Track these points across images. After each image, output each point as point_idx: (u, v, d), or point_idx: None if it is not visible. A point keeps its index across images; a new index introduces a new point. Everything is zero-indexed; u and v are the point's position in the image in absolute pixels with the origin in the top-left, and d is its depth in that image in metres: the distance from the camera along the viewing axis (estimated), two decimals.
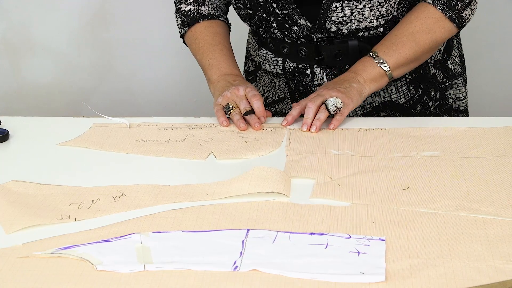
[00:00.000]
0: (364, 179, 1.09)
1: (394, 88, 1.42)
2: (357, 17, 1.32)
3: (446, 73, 1.46)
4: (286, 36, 1.39)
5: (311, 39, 1.37)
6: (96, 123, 1.34)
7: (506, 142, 1.19)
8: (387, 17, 1.34)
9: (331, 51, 1.37)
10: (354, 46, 1.37)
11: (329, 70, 1.40)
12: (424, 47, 1.34)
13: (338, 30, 1.34)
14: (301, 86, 1.43)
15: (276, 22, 1.37)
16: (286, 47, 1.41)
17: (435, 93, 1.46)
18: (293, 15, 1.34)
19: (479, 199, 1.02)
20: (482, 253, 0.90)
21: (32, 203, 1.05)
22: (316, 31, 1.35)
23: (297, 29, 1.36)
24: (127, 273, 0.89)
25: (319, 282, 0.86)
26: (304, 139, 1.24)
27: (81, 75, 2.43)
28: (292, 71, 1.43)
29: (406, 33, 1.34)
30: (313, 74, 1.41)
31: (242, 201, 1.04)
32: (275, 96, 1.49)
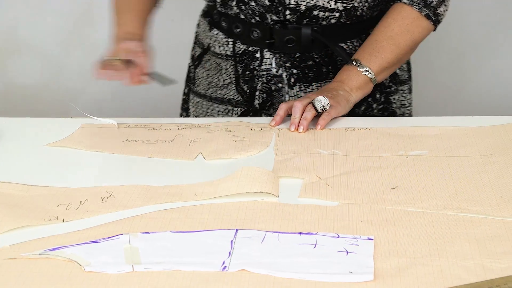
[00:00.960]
0: (352, 178, 1.09)
1: None
2: None
3: (393, 77, 1.47)
4: (242, 11, 1.38)
5: (265, 20, 1.37)
6: (84, 124, 1.33)
7: (493, 141, 1.19)
8: (346, 4, 1.35)
9: (283, 36, 1.37)
10: (307, 35, 1.37)
11: (278, 56, 1.40)
12: (405, 48, 1.36)
13: (296, 5, 1.34)
14: (248, 70, 1.43)
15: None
16: (239, 27, 1.41)
17: (380, 96, 1.46)
18: None
19: (467, 198, 1.02)
20: (470, 251, 0.90)
21: (19, 204, 1.05)
22: (272, 11, 1.35)
23: (255, 5, 1.35)
24: (115, 274, 0.89)
25: (307, 281, 0.86)
26: (292, 139, 1.24)
27: (69, 76, 2.42)
28: (242, 53, 1.43)
29: (385, 37, 1.35)
30: (262, 58, 1.41)
31: (231, 201, 1.04)
32: (219, 81, 1.48)
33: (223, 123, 1.31)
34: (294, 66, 1.40)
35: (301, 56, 1.40)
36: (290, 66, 1.40)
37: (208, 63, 1.50)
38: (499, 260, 0.88)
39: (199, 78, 1.53)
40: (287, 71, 1.41)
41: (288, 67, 1.40)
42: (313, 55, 1.40)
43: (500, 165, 1.11)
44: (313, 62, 1.40)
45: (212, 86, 1.49)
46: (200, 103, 1.53)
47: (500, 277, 0.85)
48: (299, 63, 1.40)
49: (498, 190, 1.04)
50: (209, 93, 1.50)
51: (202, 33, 1.52)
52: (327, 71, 1.41)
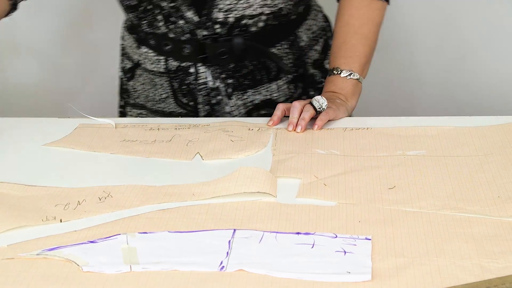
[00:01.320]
0: (350, 178, 1.09)
1: (275, 87, 1.43)
2: (243, 4, 1.32)
3: (323, 72, 1.48)
4: (171, 30, 1.37)
5: (195, 36, 1.37)
6: (82, 124, 1.33)
7: (491, 141, 1.19)
8: (272, 7, 1.35)
9: (216, 49, 1.37)
10: (239, 45, 1.36)
11: (213, 69, 1.40)
12: (372, 37, 1.37)
13: (224, 18, 1.33)
14: (185, 85, 1.43)
15: (162, 15, 1.35)
16: (169, 44, 1.39)
17: (314, 93, 1.48)
18: (182, 6, 1.32)
19: (464, 198, 1.03)
20: (468, 251, 0.90)
21: (17, 205, 1.05)
22: (202, 27, 1.35)
23: (183, 23, 1.35)
24: (113, 274, 0.88)
25: (305, 281, 0.86)
26: (290, 139, 1.24)
27: (67, 76, 2.42)
28: (176, 70, 1.42)
29: (350, 34, 1.36)
30: (197, 72, 1.41)
31: (229, 201, 1.04)
32: (156, 95, 1.47)
33: (221, 123, 1.31)
34: (229, 77, 1.41)
35: (235, 66, 1.40)
36: (225, 77, 1.41)
37: (141, 77, 1.49)
38: (497, 260, 0.88)
39: (136, 91, 1.51)
40: (223, 82, 1.41)
41: (223, 78, 1.41)
42: (247, 64, 1.40)
43: (497, 165, 1.11)
44: (247, 71, 1.41)
45: (150, 100, 1.49)
46: (142, 114, 1.51)
47: (498, 277, 0.85)
48: (233, 73, 1.41)
49: (496, 190, 1.04)
50: (149, 105, 1.49)
51: (129, 48, 1.50)
52: (260, 78, 1.42)
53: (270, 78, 1.43)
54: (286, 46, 1.42)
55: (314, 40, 1.48)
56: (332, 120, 1.30)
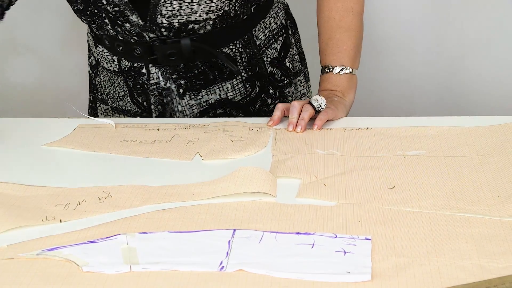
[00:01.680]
0: (350, 178, 1.09)
1: (230, 86, 1.43)
2: (186, 11, 1.31)
3: (284, 71, 1.48)
4: (119, 33, 1.37)
5: (143, 38, 1.36)
6: (81, 124, 1.33)
7: (491, 141, 1.19)
8: (217, 12, 1.34)
9: (164, 51, 1.37)
10: (187, 45, 1.36)
11: (164, 69, 1.40)
12: (356, 27, 1.36)
13: (169, 24, 1.33)
14: (139, 84, 1.43)
15: (108, 18, 1.35)
16: (121, 45, 1.40)
17: (274, 91, 1.47)
18: (125, 10, 1.32)
19: (464, 198, 1.03)
20: (468, 251, 0.90)
21: (17, 205, 1.05)
22: (148, 30, 1.34)
23: (130, 27, 1.34)
24: (113, 274, 0.88)
25: (305, 281, 0.86)
26: (290, 139, 1.24)
27: (66, 76, 2.42)
28: (129, 69, 1.42)
29: (333, 29, 1.35)
30: (149, 72, 1.41)
31: (228, 201, 1.04)
32: (115, 93, 1.48)
33: (221, 123, 1.31)
34: (181, 77, 1.40)
35: (186, 66, 1.40)
36: (177, 78, 1.40)
37: (102, 75, 1.50)
38: (497, 260, 0.88)
39: (101, 87, 1.52)
40: (175, 82, 1.41)
41: (175, 79, 1.41)
42: (198, 64, 1.40)
43: (497, 165, 1.11)
44: (198, 71, 1.40)
45: (111, 97, 1.50)
46: (108, 110, 1.53)
47: (498, 277, 0.85)
48: (185, 73, 1.40)
49: (496, 190, 1.04)
50: (110, 102, 1.50)
51: (91, 45, 1.51)
52: (214, 77, 1.42)
53: (224, 78, 1.42)
54: (240, 45, 1.41)
55: (273, 38, 1.46)
56: (332, 120, 1.30)
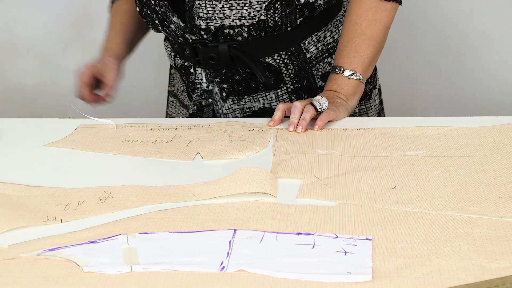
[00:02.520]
0: (350, 179, 1.09)
1: (274, 96, 1.43)
2: (219, 15, 1.33)
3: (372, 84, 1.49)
4: (168, 34, 1.41)
5: (187, 40, 1.39)
6: (82, 124, 1.33)
7: (491, 142, 1.19)
8: (251, 20, 1.34)
9: (206, 54, 1.38)
10: (225, 52, 1.37)
11: (208, 72, 1.42)
12: (379, 38, 1.36)
13: (206, 26, 1.34)
14: (190, 82, 1.46)
15: (158, 19, 1.39)
16: (176, 44, 1.44)
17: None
18: (167, 12, 1.36)
19: (465, 198, 1.03)
20: (468, 252, 0.90)
21: (18, 205, 1.05)
22: (189, 32, 1.36)
23: (174, 28, 1.38)
24: (113, 274, 0.88)
25: (306, 282, 0.86)
26: (290, 139, 1.24)
27: (67, 76, 2.42)
28: (181, 67, 1.47)
29: (356, 34, 1.35)
30: (195, 73, 1.44)
31: (229, 202, 1.04)
32: (180, 86, 1.52)
33: (221, 124, 1.31)
34: (223, 81, 1.42)
35: (227, 71, 1.41)
36: (219, 81, 1.42)
37: (173, 69, 1.55)
38: (497, 261, 0.88)
39: (173, 79, 1.57)
40: (218, 85, 1.42)
41: (218, 82, 1.42)
42: (239, 71, 1.41)
43: (498, 165, 1.11)
44: (240, 77, 1.41)
45: (176, 90, 1.55)
46: (174, 103, 1.57)
47: (498, 277, 0.85)
48: (227, 78, 1.41)
49: (497, 190, 1.04)
50: (179, 95, 1.54)
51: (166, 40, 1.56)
52: (256, 86, 1.42)
53: (268, 88, 1.42)
54: (286, 56, 1.40)
55: (327, 52, 1.45)
56: (333, 120, 1.30)
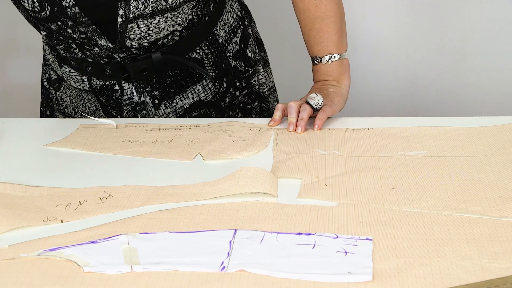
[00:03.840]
0: (351, 179, 1.09)
1: (201, 88, 1.43)
2: (154, 30, 1.31)
3: (247, 61, 1.48)
4: (88, 56, 1.35)
5: (114, 59, 1.35)
6: (82, 124, 1.33)
7: (492, 142, 1.19)
8: (183, 24, 1.34)
9: (137, 68, 1.36)
10: (159, 59, 1.35)
11: (137, 84, 1.40)
12: (332, 11, 1.35)
13: (139, 45, 1.32)
14: (112, 100, 1.42)
15: (75, 44, 1.33)
16: (90, 66, 1.37)
17: (240, 83, 1.47)
18: (93, 36, 1.30)
19: (465, 199, 1.03)
20: (469, 252, 0.90)
21: (18, 205, 1.05)
22: (118, 51, 1.33)
23: (99, 50, 1.33)
24: (114, 274, 0.89)
25: (306, 282, 0.86)
26: (291, 140, 1.24)
27: None
28: (100, 88, 1.41)
29: (311, 20, 1.35)
30: (122, 89, 1.40)
31: (229, 202, 1.04)
32: (86, 108, 1.46)
33: (222, 124, 1.31)
34: (154, 89, 1.40)
35: (158, 78, 1.39)
36: (150, 90, 1.40)
37: (68, 90, 1.47)
38: (498, 261, 0.88)
39: (63, 101, 1.49)
40: (149, 94, 1.40)
41: (149, 91, 1.40)
42: (170, 74, 1.40)
43: (498, 166, 1.11)
44: (171, 80, 1.40)
45: (79, 110, 1.47)
46: None
47: (499, 277, 0.85)
48: (158, 84, 1.40)
49: (497, 190, 1.04)
50: (79, 116, 1.47)
51: (52, 63, 1.48)
52: (185, 83, 1.42)
53: (194, 81, 1.42)
54: (206, 47, 1.41)
55: (232, 33, 1.46)
56: (330, 117, 1.30)
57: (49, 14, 1.27)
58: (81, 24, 1.27)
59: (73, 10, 1.26)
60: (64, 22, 1.28)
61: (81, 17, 1.27)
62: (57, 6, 1.26)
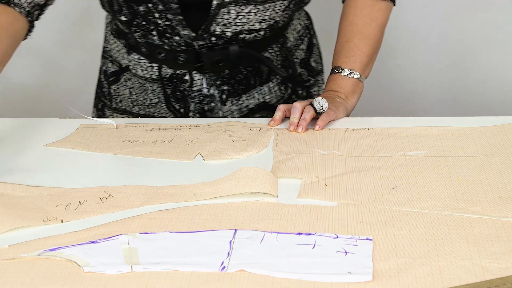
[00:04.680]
0: (351, 179, 1.09)
1: (267, 90, 1.45)
2: (242, 20, 1.33)
3: (310, 71, 1.50)
4: (166, 44, 1.37)
5: (192, 47, 1.36)
6: (83, 124, 1.33)
7: (492, 142, 1.19)
8: (269, 21, 1.36)
9: (212, 57, 1.37)
10: (235, 52, 1.37)
11: (208, 76, 1.40)
12: (375, 37, 1.38)
13: (221, 32, 1.34)
14: (179, 91, 1.42)
15: (157, 31, 1.35)
16: (163, 52, 1.39)
17: (302, 92, 1.49)
18: (177, 26, 1.32)
19: (465, 199, 1.03)
20: (469, 252, 0.90)
21: (18, 205, 1.05)
22: (198, 39, 1.34)
23: (179, 38, 1.34)
24: (114, 275, 0.88)
25: (306, 282, 0.86)
26: (291, 140, 1.24)
27: (68, 76, 2.42)
28: (170, 77, 1.41)
29: (353, 34, 1.37)
30: (192, 79, 1.40)
31: (230, 202, 1.04)
32: (146, 100, 1.46)
33: (222, 124, 1.31)
34: (225, 83, 1.41)
35: (230, 72, 1.41)
36: (220, 84, 1.41)
37: (129, 81, 1.47)
38: (498, 261, 0.88)
39: (119, 95, 1.49)
40: (218, 88, 1.41)
41: (218, 85, 1.41)
42: (241, 70, 1.41)
43: (499, 166, 1.11)
44: (242, 76, 1.42)
45: (138, 104, 1.47)
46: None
47: (499, 277, 0.85)
48: (229, 79, 1.41)
49: (497, 190, 1.04)
50: (136, 110, 1.48)
51: (116, 53, 1.48)
52: (254, 82, 1.43)
53: (262, 81, 1.44)
54: (277, 49, 1.43)
55: (300, 39, 1.49)
56: (333, 120, 1.30)
57: None
58: (170, 10, 1.30)
59: None
60: (155, 4, 1.31)
61: (173, 2, 1.29)
62: None
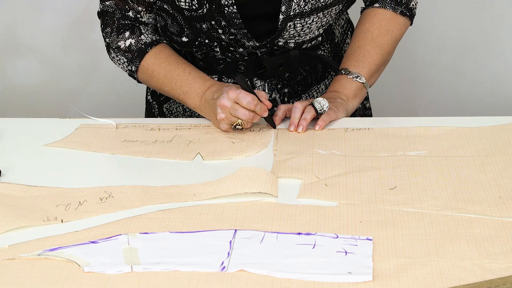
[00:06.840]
0: (351, 179, 1.09)
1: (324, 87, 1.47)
2: (306, 31, 1.34)
3: None
4: (229, 57, 1.37)
5: (255, 55, 1.37)
6: (82, 124, 1.33)
7: (492, 142, 1.19)
8: (325, 26, 1.38)
9: (274, 62, 1.38)
10: (296, 55, 1.38)
11: (269, 81, 1.41)
12: (388, 48, 1.38)
13: (284, 44, 1.35)
14: None
15: (220, 46, 1.35)
16: (223, 64, 1.39)
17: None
18: (242, 39, 1.32)
19: (465, 199, 1.03)
20: (469, 252, 0.90)
21: (18, 205, 1.05)
22: (262, 47, 1.35)
23: (243, 50, 1.35)
24: (114, 274, 0.89)
25: (306, 282, 0.86)
26: (291, 140, 1.24)
27: (68, 76, 2.42)
28: None
29: (367, 41, 1.37)
30: (254, 87, 1.41)
31: (230, 202, 1.04)
32: None
33: None
34: (285, 86, 1.42)
35: (290, 75, 1.41)
36: (281, 87, 1.42)
37: None
38: (498, 261, 0.88)
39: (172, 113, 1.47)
40: (279, 92, 1.42)
41: (280, 89, 1.42)
42: (300, 70, 1.42)
43: (499, 166, 1.11)
44: (301, 77, 1.42)
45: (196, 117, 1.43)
46: None
47: (499, 277, 0.85)
48: (289, 81, 1.42)
49: (497, 190, 1.04)
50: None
51: None
52: (311, 81, 1.44)
53: (318, 79, 1.45)
54: (328, 46, 1.45)
55: (344, 34, 1.51)
56: (333, 120, 1.30)
57: (206, 11, 1.29)
58: (234, 26, 1.30)
59: (230, 9, 1.28)
60: (218, 21, 1.30)
61: (236, 18, 1.29)
62: (215, 4, 1.28)
